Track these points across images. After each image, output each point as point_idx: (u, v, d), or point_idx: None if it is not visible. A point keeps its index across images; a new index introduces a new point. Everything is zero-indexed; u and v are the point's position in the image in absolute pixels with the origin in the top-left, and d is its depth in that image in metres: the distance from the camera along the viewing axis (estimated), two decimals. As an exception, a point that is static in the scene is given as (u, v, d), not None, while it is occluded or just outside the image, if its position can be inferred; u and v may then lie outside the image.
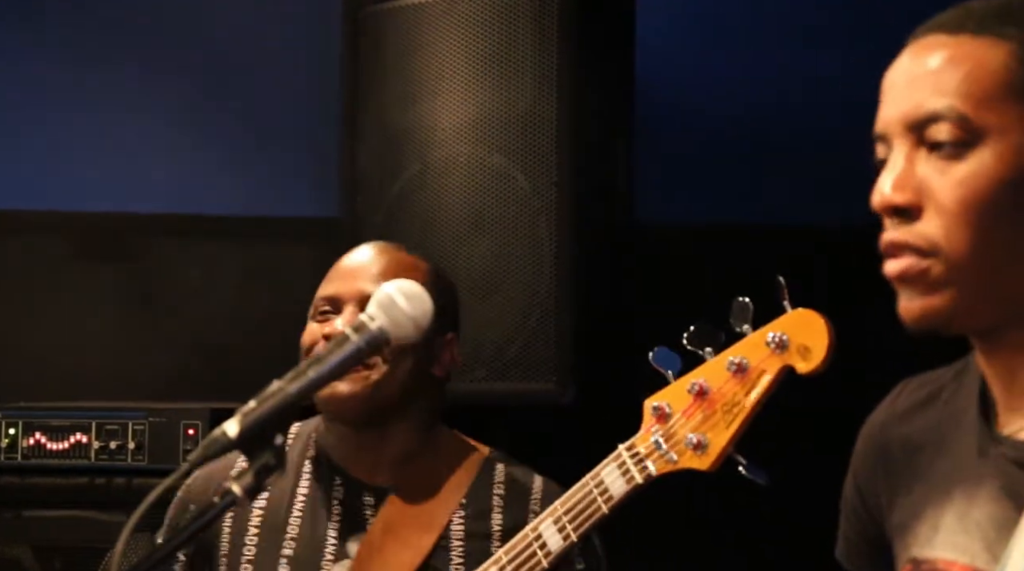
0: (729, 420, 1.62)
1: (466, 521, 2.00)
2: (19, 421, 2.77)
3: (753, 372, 1.60)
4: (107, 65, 3.47)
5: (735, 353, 1.62)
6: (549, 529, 1.76)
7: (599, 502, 1.72)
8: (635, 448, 1.71)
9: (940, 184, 1.24)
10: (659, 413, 1.68)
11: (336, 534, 1.98)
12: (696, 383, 1.65)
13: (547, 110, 2.64)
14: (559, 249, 2.62)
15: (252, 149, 3.49)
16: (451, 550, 1.98)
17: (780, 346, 1.58)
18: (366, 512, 2.00)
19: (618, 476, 1.71)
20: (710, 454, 1.64)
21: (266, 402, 1.34)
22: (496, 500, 2.03)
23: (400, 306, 1.47)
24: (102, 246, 3.46)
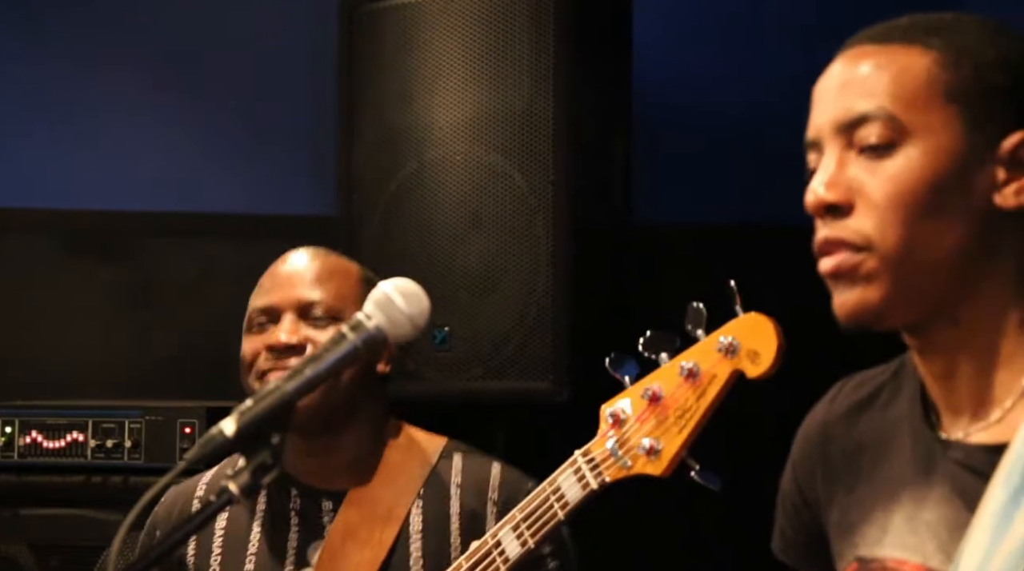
0: (681, 425, 1.62)
1: (424, 512, 2.01)
2: (15, 420, 2.77)
3: (704, 377, 1.61)
4: (103, 64, 3.47)
5: (687, 358, 1.63)
6: (508, 536, 1.76)
7: (556, 508, 1.72)
8: (590, 454, 1.71)
9: (870, 181, 1.29)
10: (614, 418, 1.68)
11: (296, 543, 1.99)
12: (649, 388, 1.65)
13: (544, 108, 2.64)
14: (556, 248, 2.62)
15: (248, 147, 3.49)
16: (410, 542, 1.99)
17: (730, 351, 1.58)
18: (323, 519, 2.01)
19: (574, 482, 1.71)
20: (663, 459, 1.64)
21: (263, 401, 1.34)
22: (454, 489, 2.03)
23: (397, 305, 1.46)
24: (98, 244, 3.46)
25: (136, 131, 3.47)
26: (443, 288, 2.61)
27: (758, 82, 3.30)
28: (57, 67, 3.46)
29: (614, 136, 2.85)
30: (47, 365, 3.36)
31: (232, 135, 3.49)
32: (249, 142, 3.48)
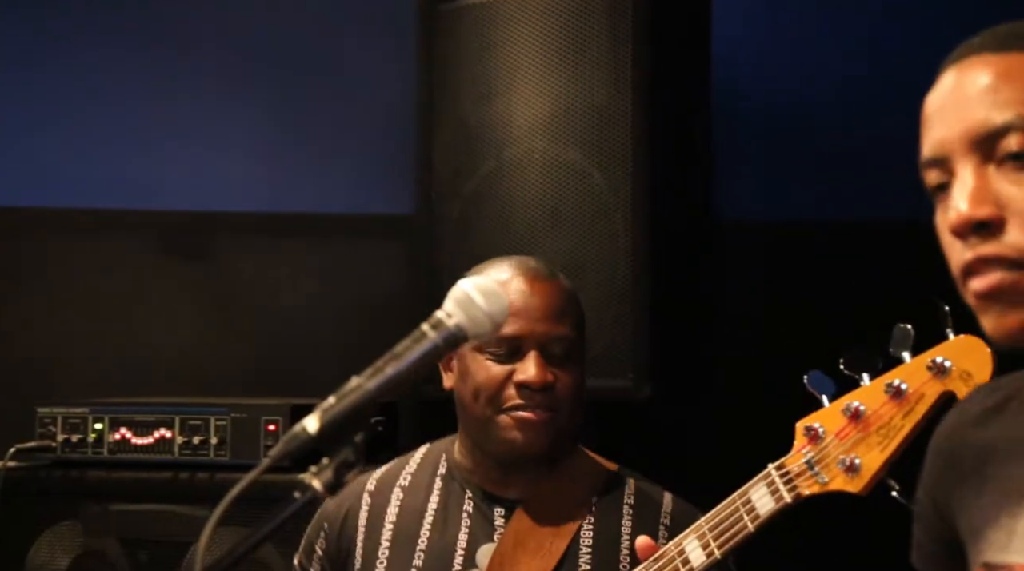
0: (884, 443, 1.60)
1: (596, 528, 2.01)
2: (105, 416, 2.82)
3: (912, 396, 1.58)
4: (190, 67, 3.51)
5: (894, 377, 1.60)
6: (692, 545, 1.76)
7: (745, 520, 1.71)
8: (785, 468, 1.70)
9: (1021, 194, 1.22)
10: (811, 434, 1.67)
11: (465, 544, 2.01)
12: (851, 405, 1.63)
13: (622, 105, 2.63)
14: (634, 245, 2.61)
15: (329, 147, 3.52)
16: (580, 556, 1.99)
17: (941, 371, 1.56)
18: (495, 523, 2.02)
19: (767, 495, 1.70)
20: (863, 477, 1.62)
21: (345, 398, 1.35)
22: (626, 510, 2.04)
23: (477, 303, 1.46)
24: (185, 244, 3.51)
25: (221, 133, 3.52)
26: (522, 286, 2.61)
27: (838, 77, 3.27)
28: (145, 70, 3.51)
29: (693, 132, 2.83)
30: (136, 363, 3.42)
31: (313, 136, 3.52)
32: (330, 142, 3.51)
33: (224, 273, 3.51)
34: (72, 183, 3.51)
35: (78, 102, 3.50)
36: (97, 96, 3.50)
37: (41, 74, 3.50)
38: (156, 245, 3.50)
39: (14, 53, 3.50)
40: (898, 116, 2.67)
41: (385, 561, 2.02)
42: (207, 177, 3.52)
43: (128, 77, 3.50)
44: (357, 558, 2.05)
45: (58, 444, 2.83)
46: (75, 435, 2.82)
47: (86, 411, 2.83)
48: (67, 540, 2.77)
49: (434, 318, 1.44)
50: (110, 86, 3.50)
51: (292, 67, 3.52)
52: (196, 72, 3.51)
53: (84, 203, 3.50)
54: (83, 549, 2.76)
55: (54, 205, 3.50)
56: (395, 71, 3.35)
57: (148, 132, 3.51)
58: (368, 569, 2.03)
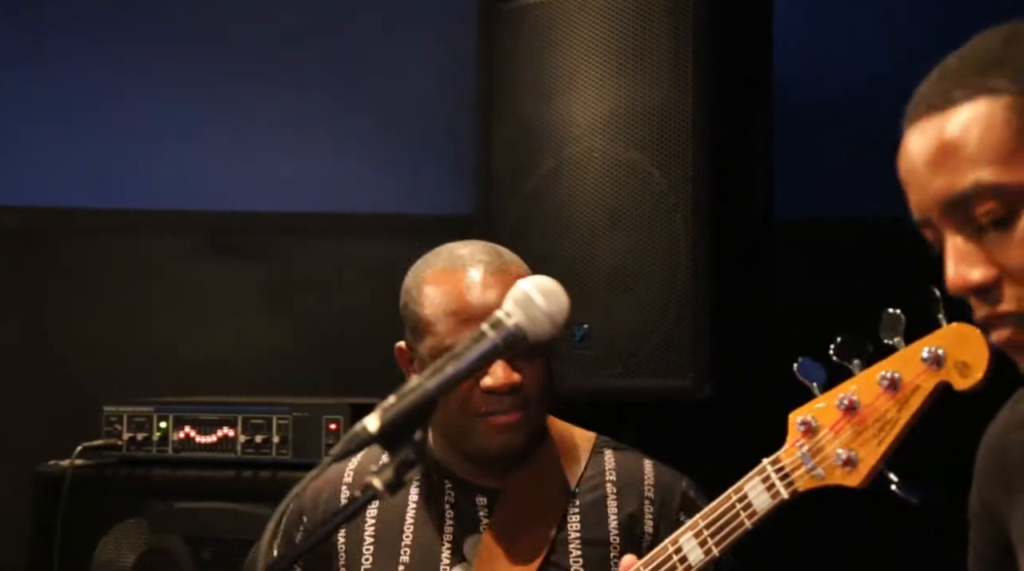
0: (881, 436, 1.57)
1: (581, 511, 2.00)
2: (170, 415, 2.85)
3: (907, 388, 1.55)
4: (241, 66, 3.54)
5: (888, 367, 1.57)
6: (690, 543, 1.74)
7: (742, 517, 1.70)
8: (780, 463, 1.67)
9: (1007, 253, 1.21)
10: (805, 427, 1.64)
11: (451, 537, 2.00)
12: (845, 397, 1.60)
13: (683, 104, 2.62)
14: (695, 245, 2.60)
15: (387, 147, 3.53)
16: (569, 543, 1.98)
17: (936, 362, 1.53)
18: (479, 513, 2.01)
19: (763, 491, 1.68)
20: (860, 471, 1.59)
21: (405, 397, 1.35)
22: (609, 487, 2.03)
23: (537, 303, 1.46)
24: (245, 244, 3.54)
25: (276, 133, 3.55)
26: (582, 286, 2.61)
27: (901, 75, 3.22)
28: (198, 72, 3.54)
29: (754, 130, 2.81)
30: (200, 362, 3.45)
31: (371, 135, 3.54)
32: (387, 142, 3.53)
33: (285, 273, 3.54)
34: (135, 184, 3.55)
35: (134, 106, 3.53)
36: (150, 98, 3.54)
37: (92, 79, 3.54)
38: (216, 245, 3.54)
39: (65, 60, 3.55)
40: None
41: (371, 557, 2.00)
42: (262, 177, 3.54)
43: (181, 79, 3.53)
44: (340, 554, 2.02)
45: (124, 442, 2.86)
46: (140, 433, 2.85)
47: (151, 410, 2.87)
48: (133, 537, 2.80)
49: (494, 317, 1.44)
50: (163, 88, 3.53)
51: (350, 65, 3.54)
52: (253, 71, 3.53)
53: (148, 204, 3.54)
54: (148, 546, 2.79)
55: (116, 206, 3.54)
56: (454, 70, 3.36)
57: (201, 132, 3.54)
58: (353, 566, 2.01)
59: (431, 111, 3.50)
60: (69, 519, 2.78)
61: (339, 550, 2.03)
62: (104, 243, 3.54)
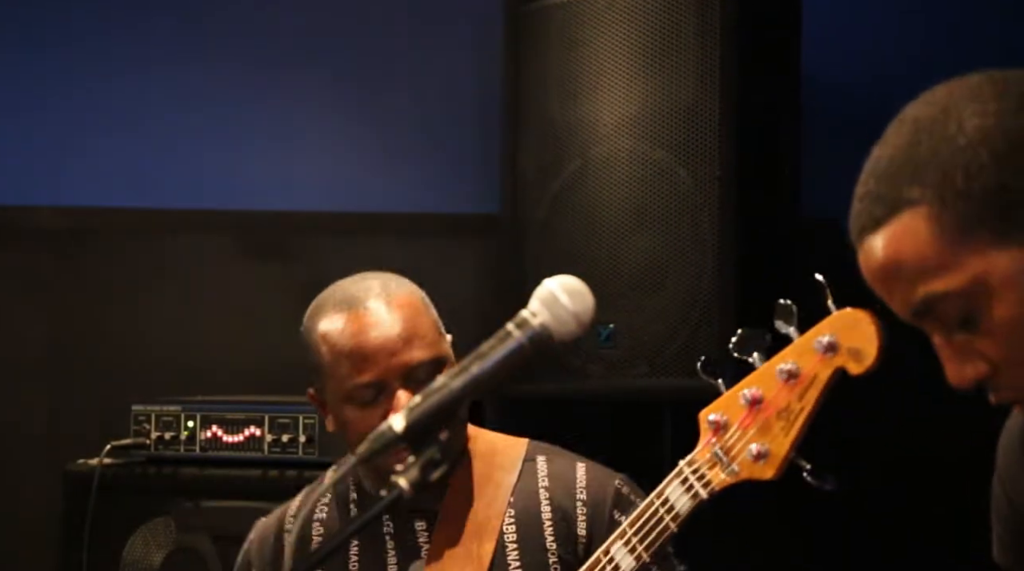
0: (787, 427, 1.60)
1: (517, 521, 1.99)
2: (197, 414, 2.86)
3: (805, 377, 1.58)
4: (272, 66, 3.55)
5: (784, 359, 1.60)
6: (620, 551, 1.75)
7: (666, 520, 1.71)
8: (695, 463, 1.69)
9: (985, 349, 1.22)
10: (715, 425, 1.66)
11: (396, 565, 1.99)
12: (748, 392, 1.63)
13: (709, 103, 2.61)
14: (722, 244, 2.59)
15: (414, 147, 3.53)
16: (507, 553, 1.97)
17: (830, 349, 1.56)
18: (419, 539, 2.00)
19: (682, 493, 1.69)
20: (772, 463, 1.61)
21: (431, 397, 1.35)
22: (542, 493, 2.02)
23: (562, 302, 1.45)
24: (273, 244, 3.55)
25: (305, 133, 3.56)
26: (608, 285, 2.61)
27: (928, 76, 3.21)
28: (227, 71, 3.56)
29: (782, 129, 2.81)
30: (226, 362, 3.46)
31: (398, 135, 3.54)
32: (415, 142, 3.53)
33: (312, 272, 3.54)
34: (165, 184, 3.56)
35: (165, 106, 3.55)
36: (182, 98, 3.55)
37: (128, 80, 3.56)
38: (244, 245, 3.55)
39: (102, 62, 3.57)
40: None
41: None
42: (290, 177, 3.55)
43: (212, 79, 3.55)
44: None
45: (152, 441, 2.87)
46: (168, 433, 2.86)
47: (179, 409, 2.88)
48: (161, 536, 2.82)
49: (519, 317, 1.44)
50: (195, 89, 3.55)
51: (377, 66, 3.54)
52: (279, 73, 3.54)
53: (177, 203, 3.56)
54: (176, 545, 2.81)
55: (145, 206, 3.56)
56: (482, 70, 3.36)
57: (231, 132, 3.56)
58: None
59: (459, 111, 3.50)
60: (97, 518, 2.80)
61: None
62: (134, 243, 3.56)
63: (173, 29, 3.56)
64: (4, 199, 3.54)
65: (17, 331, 3.53)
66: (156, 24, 3.56)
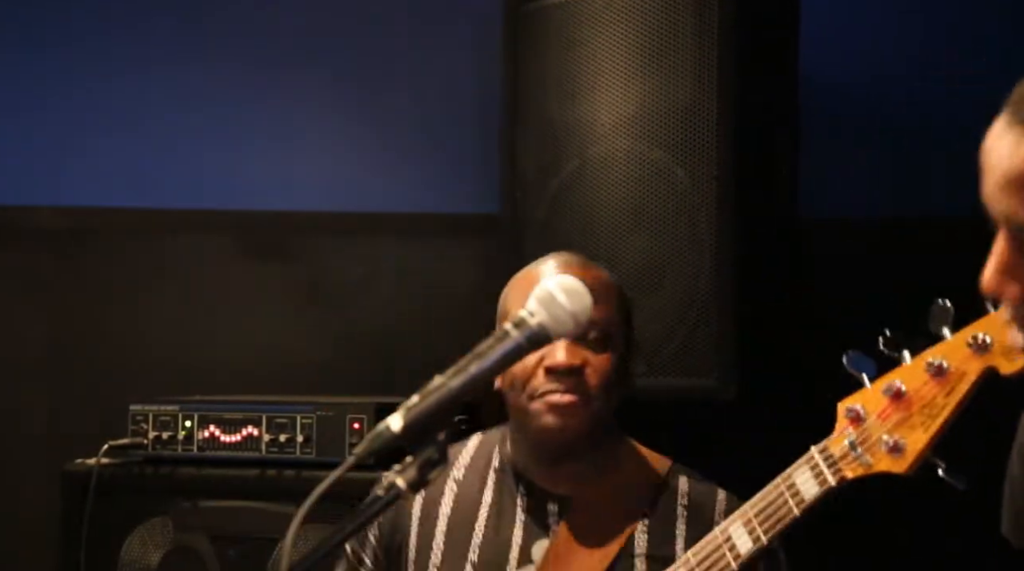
0: (927, 423, 1.58)
1: (650, 532, 2.00)
2: (195, 414, 2.86)
3: (953, 374, 1.56)
4: (272, 66, 3.55)
5: (934, 355, 1.58)
6: (739, 531, 1.75)
7: (790, 504, 1.71)
8: (828, 450, 1.68)
9: None
10: (853, 415, 1.65)
11: (520, 540, 2.01)
12: (892, 385, 1.62)
13: (707, 103, 2.61)
14: (719, 244, 2.59)
15: (413, 147, 3.54)
16: (635, 557, 1.98)
17: (982, 347, 1.54)
18: (549, 520, 2.02)
19: (810, 478, 1.69)
20: (907, 457, 1.60)
21: (429, 397, 1.36)
22: (680, 511, 2.03)
23: (560, 302, 1.47)
24: (270, 244, 3.56)
25: (305, 133, 3.56)
26: (606, 285, 2.61)
27: (926, 76, 3.22)
28: (227, 71, 3.56)
29: (779, 129, 2.81)
30: (224, 362, 3.47)
31: (398, 135, 3.55)
32: (414, 142, 3.53)
33: (311, 272, 3.55)
34: (164, 184, 3.57)
35: (165, 106, 3.55)
36: (181, 97, 3.55)
37: (128, 80, 3.56)
38: (244, 245, 3.55)
39: (102, 62, 3.57)
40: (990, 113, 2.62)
41: (440, 554, 2.03)
42: (288, 177, 3.55)
43: (212, 79, 3.55)
44: (411, 548, 2.05)
45: (149, 441, 2.87)
46: (166, 432, 2.86)
47: (176, 409, 2.88)
48: (158, 536, 2.81)
49: (517, 317, 1.45)
50: (195, 89, 3.55)
51: (376, 66, 3.55)
52: (279, 73, 3.55)
53: (176, 203, 3.56)
54: (174, 545, 2.80)
55: (144, 205, 3.56)
56: (480, 70, 3.36)
57: (230, 132, 3.56)
58: (422, 561, 2.04)
59: (459, 111, 3.50)
60: (95, 517, 2.80)
61: (410, 545, 2.06)
62: (133, 243, 3.56)
63: (173, 29, 3.56)
64: (3, 199, 3.55)
65: (16, 331, 3.53)
66: (156, 24, 3.56)
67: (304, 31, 3.56)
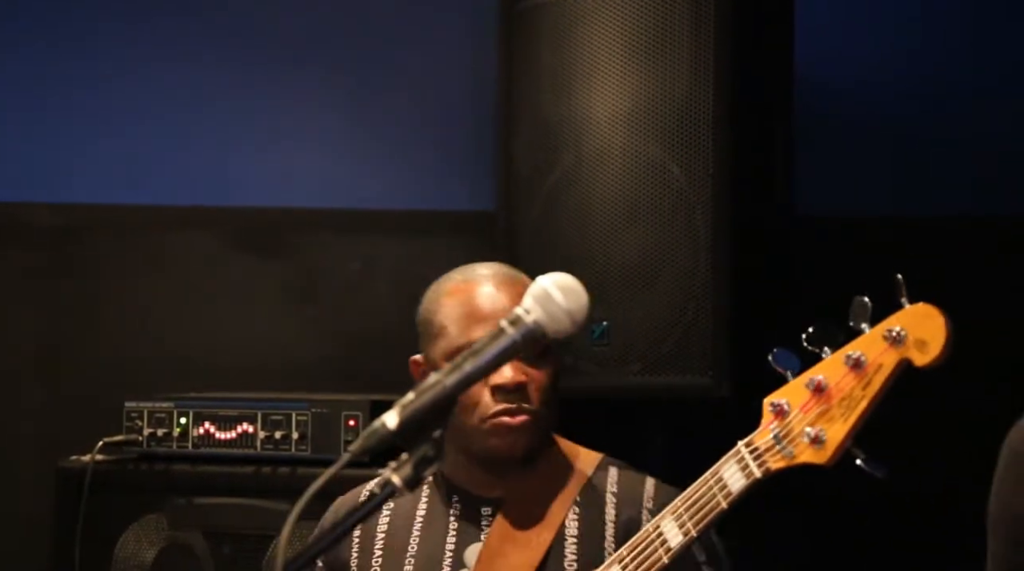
0: (847, 414, 1.64)
1: (580, 518, 2.02)
2: (190, 411, 2.86)
3: (870, 366, 1.62)
4: (267, 63, 3.55)
5: (853, 349, 1.64)
6: (669, 525, 1.79)
7: (718, 498, 1.75)
8: (753, 444, 1.73)
9: None
10: (777, 410, 1.71)
11: (453, 546, 2.02)
12: (814, 379, 1.67)
13: (703, 100, 2.61)
14: (715, 241, 2.59)
15: (408, 144, 3.53)
16: (566, 546, 2.00)
17: (897, 340, 1.60)
18: (482, 523, 2.04)
19: (737, 472, 1.74)
20: (827, 448, 1.65)
21: (424, 394, 1.36)
22: (609, 498, 2.05)
23: (556, 300, 1.47)
24: (264, 241, 3.55)
25: (298, 129, 3.56)
26: (601, 282, 2.61)
27: (924, 71, 3.22)
28: (223, 69, 3.56)
29: (775, 127, 2.81)
30: (219, 359, 3.46)
31: (393, 133, 3.54)
32: (409, 139, 3.53)
33: (305, 269, 3.55)
34: (159, 181, 3.56)
35: (160, 103, 3.55)
36: (176, 94, 3.55)
37: (123, 76, 3.55)
38: (239, 242, 3.55)
39: (96, 58, 3.56)
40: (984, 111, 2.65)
41: (379, 568, 2.04)
42: (283, 174, 3.55)
43: (208, 77, 3.55)
44: (353, 563, 2.06)
45: (144, 438, 2.87)
46: (160, 429, 2.86)
47: (171, 406, 2.88)
48: (153, 532, 2.82)
49: (513, 315, 1.45)
50: (190, 86, 3.55)
51: (371, 63, 3.54)
52: (274, 70, 3.54)
53: (171, 200, 3.55)
54: (168, 542, 2.81)
55: (139, 202, 3.55)
56: (474, 67, 3.36)
57: (225, 129, 3.56)
58: None
59: (454, 108, 3.50)
60: (90, 514, 2.80)
61: (352, 564, 2.07)
62: (127, 239, 3.56)
63: (170, 27, 3.56)
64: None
65: (11, 327, 3.53)
66: (153, 22, 3.55)
67: (299, 28, 3.56)
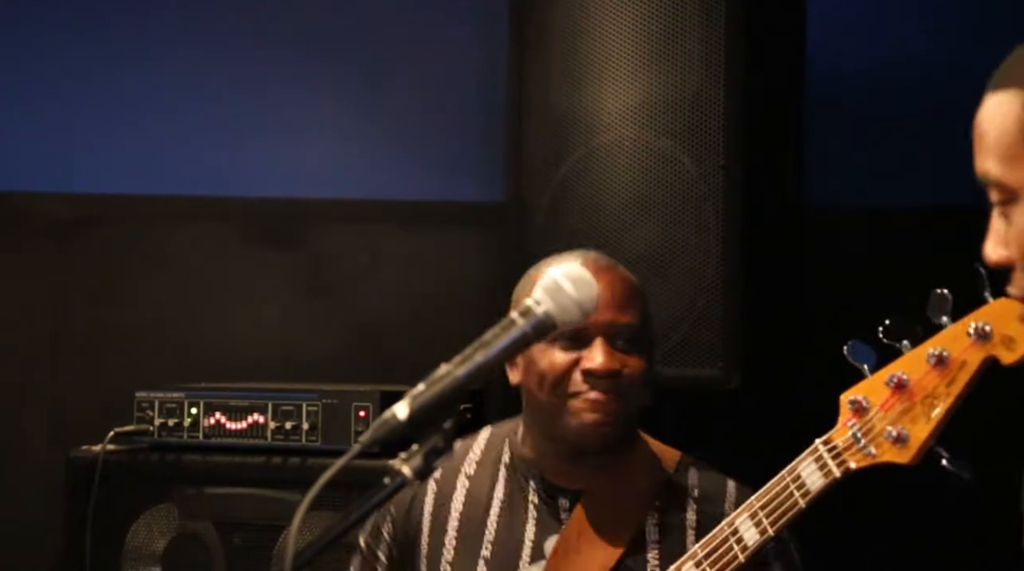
0: (930, 413, 1.59)
1: (660, 521, 2.01)
2: (200, 401, 2.87)
3: (954, 363, 1.57)
4: (277, 54, 3.55)
5: (935, 345, 1.59)
6: (745, 524, 1.77)
7: (796, 496, 1.72)
8: (832, 442, 1.70)
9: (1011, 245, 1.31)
10: (856, 407, 1.66)
11: (533, 535, 2.01)
12: (894, 376, 1.62)
13: (714, 92, 2.60)
14: (726, 233, 2.59)
15: (420, 135, 3.54)
16: (647, 548, 1.99)
17: (982, 336, 1.55)
18: (561, 514, 2.02)
19: (815, 471, 1.70)
20: (911, 447, 1.61)
21: (435, 385, 1.36)
22: (691, 502, 2.03)
23: (566, 291, 1.46)
24: (275, 231, 3.56)
25: (309, 120, 3.56)
26: (612, 274, 2.60)
27: (933, 65, 3.21)
28: (232, 60, 3.56)
29: (786, 119, 2.80)
30: (230, 349, 3.47)
31: (404, 124, 3.54)
32: (420, 130, 3.53)
33: (316, 261, 3.55)
34: (168, 171, 3.57)
35: (170, 93, 3.55)
36: (189, 87, 3.55)
37: (131, 68, 3.56)
38: (249, 233, 3.55)
39: (105, 50, 3.57)
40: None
41: (453, 551, 2.03)
42: (295, 165, 3.56)
43: (217, 67, 3.55)
44: (423, 545, 2.06)
45: (155, 428, 2.88)
46: (171, 419, 2.87)
47: (182, 396, 2.88)
48: (163, 522, 2.82)
49: (523, 306, 1.44)
50: (200, 77, 3.55)
51: (381, 54, 3.55)
52: (284, 60, 3.55)
53: (180, 190, 3.56)
54: (179, 531, 2.81)
55: (149, 193, 3.56)
56: (486, 59, 3.35)
57: (237, 120, 3.56)
58: (435, 557, 2.04)
59: (464, 100, 3.50)
60: (101, 504, 2.80)
61: (422, 541, 2.06)
62: (139, 229, 3.57)
63: (178, 18, 3.56)
64: (8, 186, 3.55)
65: (21, 318, 3.54)
66: (161, 13, 3.56)
67: (309, 20, 3.56)
